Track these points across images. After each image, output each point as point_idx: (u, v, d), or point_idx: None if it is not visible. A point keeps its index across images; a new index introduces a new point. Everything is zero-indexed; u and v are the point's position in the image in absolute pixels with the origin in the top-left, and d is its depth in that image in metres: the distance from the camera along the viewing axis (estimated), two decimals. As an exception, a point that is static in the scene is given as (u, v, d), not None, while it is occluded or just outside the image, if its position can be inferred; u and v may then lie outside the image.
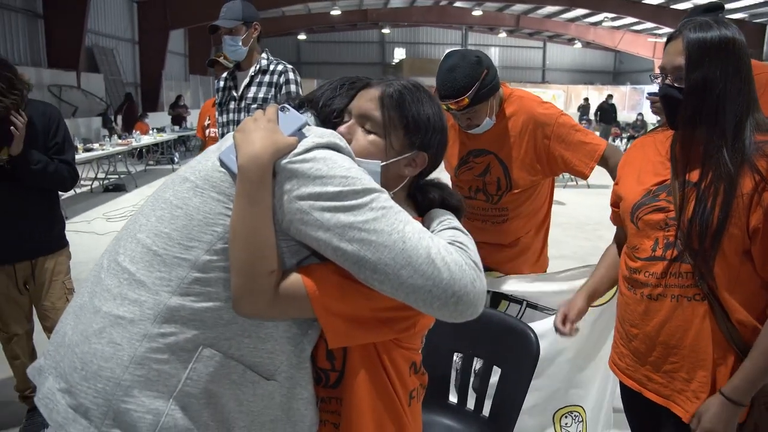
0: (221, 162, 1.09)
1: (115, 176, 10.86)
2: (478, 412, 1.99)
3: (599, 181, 9.60)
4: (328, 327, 1.08)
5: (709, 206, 1.40)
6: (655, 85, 1.52)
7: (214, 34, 3.37)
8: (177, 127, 15.60)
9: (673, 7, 22.37)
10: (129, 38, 20.07)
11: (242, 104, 3.27)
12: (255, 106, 3.19)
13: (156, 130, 13.38)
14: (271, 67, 3.29)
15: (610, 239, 1.88)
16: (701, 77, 1.39)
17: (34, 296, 2.74)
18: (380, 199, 1.04)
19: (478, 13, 26.28)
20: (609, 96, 18.31)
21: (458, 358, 2.12)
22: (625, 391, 1.72)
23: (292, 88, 3.24)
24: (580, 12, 26.09)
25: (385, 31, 33.47)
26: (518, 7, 26.44)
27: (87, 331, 1.07)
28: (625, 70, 36.46)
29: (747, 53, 1.43)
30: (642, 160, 1.65)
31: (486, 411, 1.98)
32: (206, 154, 1.17)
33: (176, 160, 13.75)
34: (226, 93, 3.41)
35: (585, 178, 2.37)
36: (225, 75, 3.48)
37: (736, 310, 1.43)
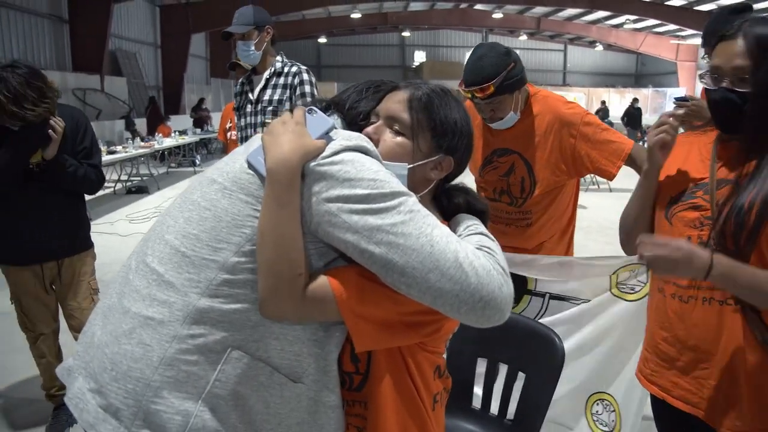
0: (249, 164, 1.10)
1: (138, 178, 10.98)
2: (502, 417, 1.98)
3: (621, 185, 9.51)
4: (355, 331, 1.08)
5: (747, 206, 1.36)
6: (704, 85, 1.46)
7: (227, 40, 3.39)
8: (199, 130, 15.74)
9: (696, 8, 22.10)
10: (152, 42, 20.32)
11: (258, 107, 3.28)
12: (271, 108, 3.21)
13: (178, 133, 13.52)
14: (286, 69, 3.30)
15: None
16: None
17: (60, 296, 2.78)
18: (408, 202, 1.04)
19: (498, 15, 26.18)
20: (635, 99, 17.85)
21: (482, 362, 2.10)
22: (654, 401, 1.69)
23: (306, 89, 3.24)
24: (601, 14, 25.90)
25: (405, 34, 33.49)
26: (539, 10, 26.32)
27: (116, 331, 1.08)
28: (648, 73, 36.11)
29: None
30: (682, 158, 1.60)
31: (510, 416, 1.96)
32: (233, 155, 1.18)
33: (198, 162, 13.87)
34: (243, 97, 3.43)
35: (611, 177, 2.32)
36: (241, 79, 3.52)
37: None
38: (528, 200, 2.41)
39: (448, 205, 1.28)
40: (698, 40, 27.01)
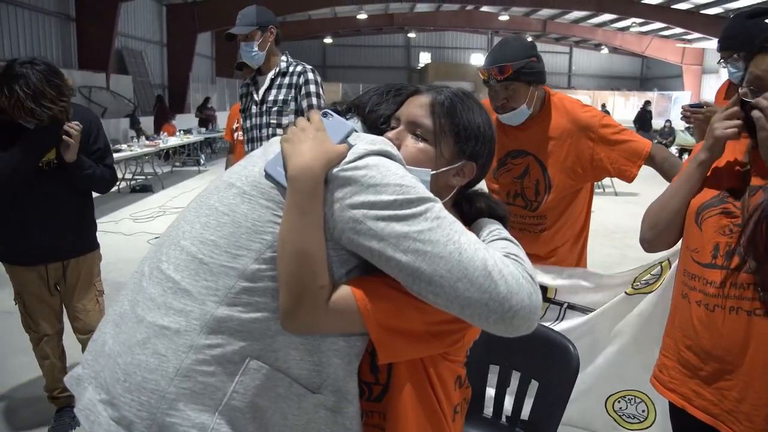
0: (267, 174, 1.06)
1: (142, 177, 10.99)
2: (514, 425, 1.94)
3: (627, 189, 9.48)
4: (379, 342, 1.05)
5: None
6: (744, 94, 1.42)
7: (231, 41, 3.32)
8: (203, 129, 15.74)
9: (703, 12, 22.05)
10: (158, 41, 20.34)
11: (263, 108, 3.22)
12: (276, 108, 3.16)
13: (183, 132, 13.51)
14: (290, 69, 3.24)
15: (638, 248, 1.78)
16: None
17: (64, 297, 2.75)
18: (435, 208, 1.00)
19: (504, 17, 26.18)
20: (647, 102, 17.47)
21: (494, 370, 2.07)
22: (674, 409, 1.65)
23: (312, 89, 3.17)
24: (607, 17, 25.85)
25: (411, 35, 33.51)
26: (545, 12, 26.31)
27: (130, 341, 1.04)
28: (653, 76, 36.04)
29: None
30: (717, 161, 1.56)
31: (522, 424, 1.92)
32: (251, 158, 1.14)
33: (202, 161, 13.87)
34: (248, 98, 3.38)
35: (631, 179, 2.28)
36: (246, 81, 3.47)
37: None
38: (542, 204, 2.38)
39: (469, 210, 1.24)
40: (704, 44, 27.04)
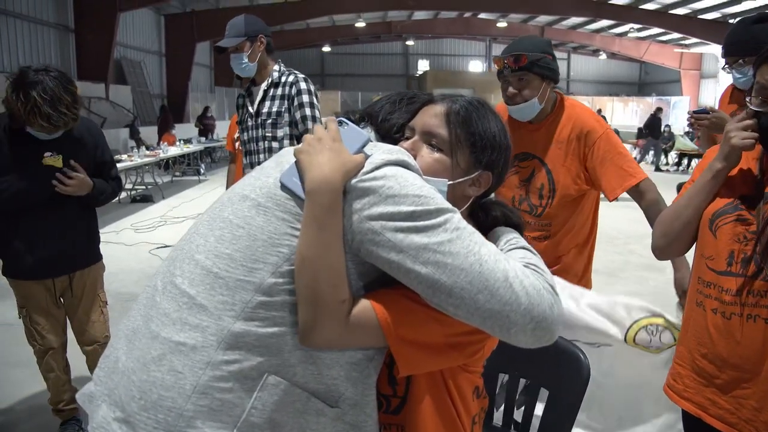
0: (282, 185, 1.04)
1: (142, 187, 10.97)
2: (524, 436, 1.92)
3: (625, 194, 9.44)
4: (399, 355, 1.03)
5: None
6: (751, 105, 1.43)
7: (222, 54, 3.19)
8: (203, 139, 15.73)
9: (700, 17, 22.11)
10: (156, 51, 20.39)
11: (258, 120, 3.10)
12: (270, 121, 3.05)
13: (183, 142, 13.51)
14: (283, 79, 3.11)
15: (641, 253, 1.77)
16: None
17: (69, 309, 2.75)
18: (454, 219, 0.99)
19: (502, 24, 26.21)
20: (659, 109, 17.12)
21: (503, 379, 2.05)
22: (687, 418, 1.63)
23: (305, 99, 3.04)
24: (605, 23, 25.94)
25: (409, 43, 33.57)
26: (543, 18, 26.36)
27: (144, 357, 1.01)
28: (651, 81, 36.11)
29: None
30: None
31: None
32: (264, 169, 1.12)
33: (202, 171, 13.86)
34: (244, 110, 3.28)
35: (612, 198, 2.31)
36: (241, 92, 3.37)
37: None
38: (547, 209, 2.38)
39: (485, 219, 1.23)
40: (702, 49, 27.11)
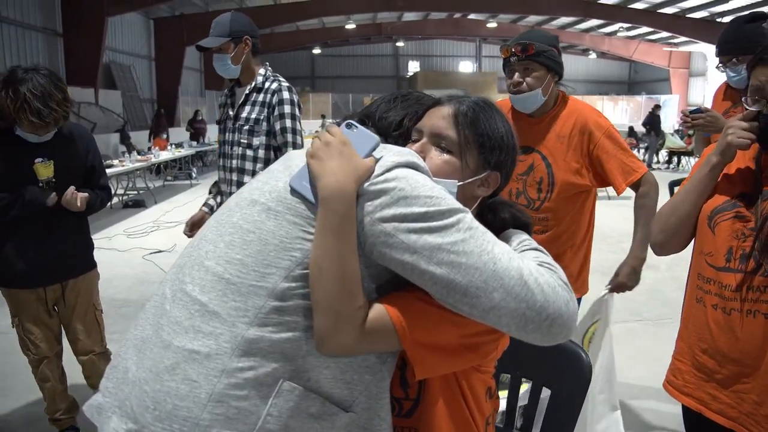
0: (293, 189, 1.03)
1: (134, 192, 10.92)
2: (527, 437, 1.91)
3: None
4: (416, 359, 1.03)
5: None
6: (749, 107, 1.43)
7: (204, 52, 3.01)
8: (195, 143, 15.68)
9: (689, 16, 22.26)
10: (146, 55, 20.31)
11: (237, 124, 2.90)
12: (247, 127, 2.84)
13: (174, 146, 13.46)
14: (266, 85, 2.90)
15: None
16: None
17: (64, 318, 2.72)
18: (466, 219, 0.99)
19: (492, 25, 26.31)
20: (657, 107, 17.15)
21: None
22: (688, 415, 1.64)
23: (285, 110, 2.82)
24: (594, 22, 26.08)
25: (399, 44, 33.64)
26: (532, 19, 26.46)
27: (157, 367, 1.00)
28: (640, 80, 36.32)
29: None
30: (727, 168, 1.56)
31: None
32: (271, 173, 1.11)
33: (194, 175, 13.81)
34: (224, 111, 3.09)
35: (619, 192, 2.37)
36: (226, 90, 3.19)
37: None
38: (545, 202, 2.39)
39: (493, 220, 1.23)
40: (691, 47, 27.29)
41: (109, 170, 9.08)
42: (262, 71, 2.94)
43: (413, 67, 35.41)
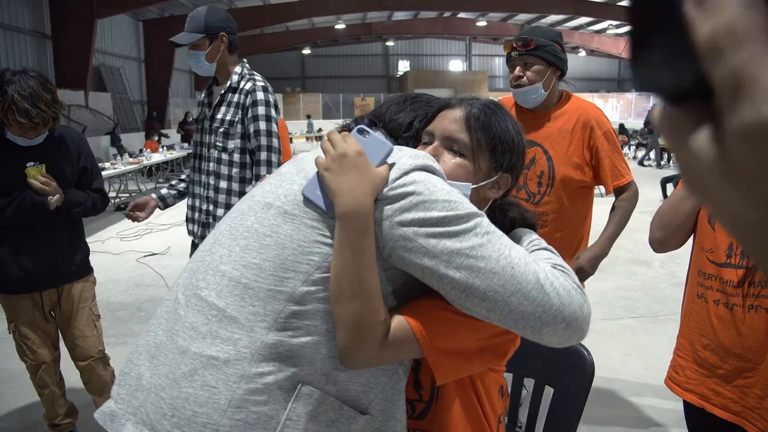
0: (306, 198, 1.02)
1: (126, 195, 10.85)
2: (530, 436, 1.92)
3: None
4: (437, 366, 1.04)
5: None
6: None
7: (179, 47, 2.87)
8: (186, 144, 15.60)
9: (677, 13, 22.37)
10: (135, 56, 20.21)
11: (213, 125, 2.76)
12: (222, 130, 2.71)
13: (166, 148, 13.39)
14: (241, 85, 2.74)
15: (628, 248, 1.82)
16: None
17: (61, 324, 2.70)
18: (483, 223, 1.00)
19: (482, 23, 26.35)
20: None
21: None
22: (689, 410, 1.65)
23: (260, 111, 2.67)
24: (584, 20, 26.15)
25: (389, 43, 33.63)
26: (522, 17, 26.53)
27: (174, 373, 0.99)
28: (630, 77, 36.24)
29: None
30: None
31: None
32: (283, 176, 1.10)
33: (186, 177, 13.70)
34: (202, 110, 2.95)
35: (608, 191, 2.47)
36: (205, 90, 3.04)
37: None
38: (545, 196, 2.42)
39: (503, 220, 1.24)
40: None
41: (102, 173, 9.02)
42: (238, 69, 2.78)
43: (403, 66, 35.42)
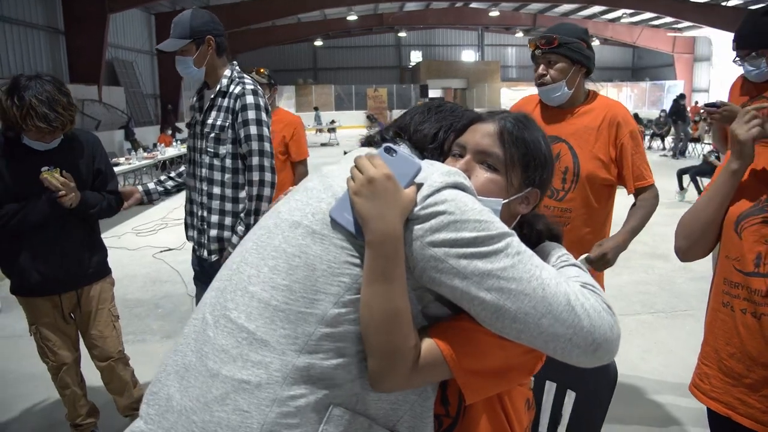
0: (333, 220, 1.00)
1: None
2: (552, 440, 1.91)
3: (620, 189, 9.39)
4: (467, 387, 1.03)
5: None
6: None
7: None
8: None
9: (692, 0, 22.07)
10: (148, 50, 20.27)
11: (204, 130, 2.68)
12: (213, 135, 2.64)
13: (180, 142, 13.44)
14: (231, 89, 2.65)
15: (645, 242, 1.79)
16: None
17: (80, 325, 2.72)
18: (514, 243, 0.98)
19: (494, 13, 26.18)
20: (681, 96, 16.85)
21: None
22: (714, 418, 1.63)
23: (249, 116, 2.60)
24: (597, 9, 25.87)
25: (401, 34, 33.49)
26: (534, 6, 26.31)
27: (205, 396, 0.98)
28: (644, 66, 36.11)
29: None
30: (751, 170, 1.54)
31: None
32: (309, 192, 1.08)
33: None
34: (194, 114, 2.87)
35: (629, 192, 2.45)
36: (195, 94, 2.92)
37: None
38: (569, 193, 2.40)
39: (530, 233, 1.22)
40: (695, 32, 27.09)
41: (116, 168, 9.06)
42: (227, 72, 2.69)
43: (416, 57, 35.26)
